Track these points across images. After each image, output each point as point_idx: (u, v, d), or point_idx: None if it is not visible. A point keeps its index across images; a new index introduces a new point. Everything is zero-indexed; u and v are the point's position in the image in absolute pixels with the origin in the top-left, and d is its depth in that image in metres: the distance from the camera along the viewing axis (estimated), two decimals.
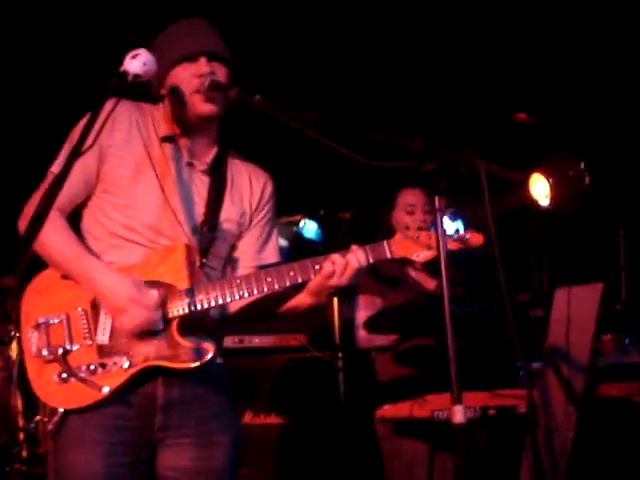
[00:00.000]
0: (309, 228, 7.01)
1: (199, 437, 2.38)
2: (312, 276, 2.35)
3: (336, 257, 2.33)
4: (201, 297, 2.32)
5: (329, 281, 2.33)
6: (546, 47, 5.12)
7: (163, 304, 2.30)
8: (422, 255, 2.38)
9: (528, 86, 5.55)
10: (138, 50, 2.17)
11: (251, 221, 2.59)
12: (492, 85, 5.54)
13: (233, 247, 2.57)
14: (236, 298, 2.34)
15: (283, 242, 7.58)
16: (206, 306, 2.33)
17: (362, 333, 3.63)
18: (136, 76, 2.13)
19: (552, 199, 5.52)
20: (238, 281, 2.34)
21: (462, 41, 5.08)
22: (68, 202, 2.39)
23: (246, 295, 2.34)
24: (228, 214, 2.51)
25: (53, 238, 2.30)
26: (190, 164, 2.47)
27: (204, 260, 2.41)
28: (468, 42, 5.10)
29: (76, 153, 1.88)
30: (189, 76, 2.39)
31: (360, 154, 2.17)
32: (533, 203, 5.61)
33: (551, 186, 5.55)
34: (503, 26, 4.95)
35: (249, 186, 2.59)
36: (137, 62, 2.14)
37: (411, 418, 3.17)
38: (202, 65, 2.39)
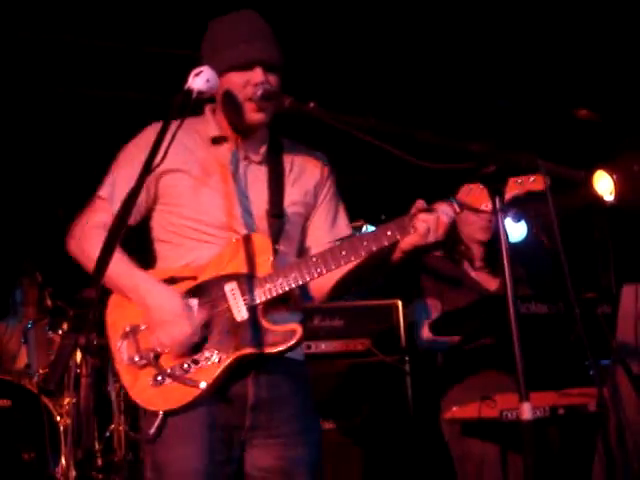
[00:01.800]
0: None
1: (286, 437, 2.43)
2: (385, 243, 2.35)
3: (425, 216, 2.32)
4: (280, 281, 2.36)
5: (427, 239, 2.32)
6: (605, 42, 5.06)
7: (244, 294, 2.35)
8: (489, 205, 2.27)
9: (589, 82, 5.49)
10: (201, 67, 2.24)
11: (316, 199, 2.63)
12: (553, 83, 5.50)
13: (305, 227, 2.62)
14: (315, 276, 2.38)
15: None
16: (286, 289, 2.37)
17: (424, 335, 3.63)
18: (200, 93, 2.21)
19: (617, 195, 5.45)
20: (315, 259, 2.38)
21: (521, 40, 5.07)
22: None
23: (325, 272, 2.37)
24: (292, 197, 2.56)
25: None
26: (246, 157, 2.53)
27: (276, 246, 2.46)
28: (527, 41, 5.08)
29: (147, 171, 1.95)
30: (243, 83, 2.43)
31: (418, 157, 2.19)
32: (598, 200, 5.54)
33: (615, 182, 5.47)
34: (562, 23, 4.92)
35: (306, 166, 2.64)
36: (200, 79, 2.21)
37: (480, 419, 3.17)
38: (257, 74, 2.42)
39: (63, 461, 4.63)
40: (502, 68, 5.31)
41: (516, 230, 5.57)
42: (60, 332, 4.93)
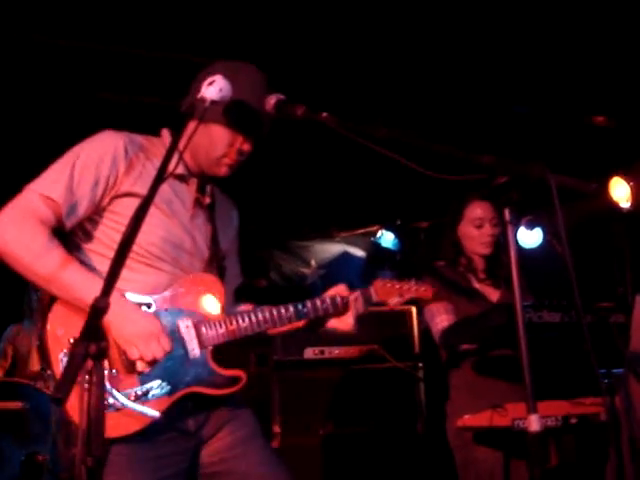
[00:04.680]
0: (386, 238, 7.04)
1: (229, 419, 2.56)
2: (326, 311, 2.67)
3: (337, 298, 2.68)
4: (233, 328, 2.49)
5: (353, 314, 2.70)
6: (622, 49, 5.04)
7: (198, 333, 2.44)
8: (395, 301, 2.75)
9: (606, 89, 5.47)
10: (214, 77, 2.26)
11: (231, 247, 2.77)
12: (569, 89, 5.48)
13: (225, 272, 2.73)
14: (264, 330, 2.55)
15: (361, 253, 7.64)
16: (237, 337, 2.50)
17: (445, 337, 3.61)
18: (213, 102, 2.23)
19: (633, 202, 5.43)
20: (266, 314, 2.55)
21: (537, 46, 5.05)
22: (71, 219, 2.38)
23: (272, 328, 2.57)
24: (224, 244, 2.69)
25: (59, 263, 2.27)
26: (198, 200, 2.60)
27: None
28: (543, 47, 5.06)
29: (160, 180, 1.97)
30: (228, 142, 2.50)
31: (429, 165, 2.20)
32: (615, 207, 5.52)
33: (632, 189, 5.45)
34: (579, 29, 4.90)
35: (230, 215, 2.81)
36: (214, 89, 2.23)
37: (491, 427, 3.16)
38: (239, 141, 2.51)
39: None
40: (518, 74, 5.29)
41: (530, 237, 5.57)
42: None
